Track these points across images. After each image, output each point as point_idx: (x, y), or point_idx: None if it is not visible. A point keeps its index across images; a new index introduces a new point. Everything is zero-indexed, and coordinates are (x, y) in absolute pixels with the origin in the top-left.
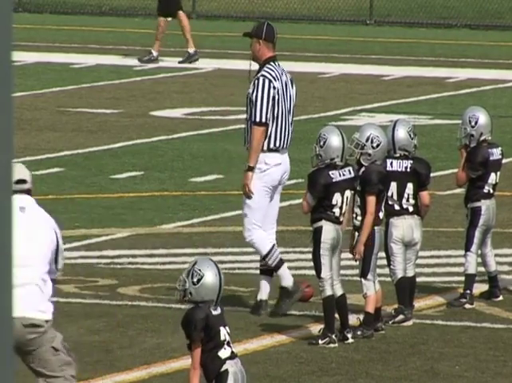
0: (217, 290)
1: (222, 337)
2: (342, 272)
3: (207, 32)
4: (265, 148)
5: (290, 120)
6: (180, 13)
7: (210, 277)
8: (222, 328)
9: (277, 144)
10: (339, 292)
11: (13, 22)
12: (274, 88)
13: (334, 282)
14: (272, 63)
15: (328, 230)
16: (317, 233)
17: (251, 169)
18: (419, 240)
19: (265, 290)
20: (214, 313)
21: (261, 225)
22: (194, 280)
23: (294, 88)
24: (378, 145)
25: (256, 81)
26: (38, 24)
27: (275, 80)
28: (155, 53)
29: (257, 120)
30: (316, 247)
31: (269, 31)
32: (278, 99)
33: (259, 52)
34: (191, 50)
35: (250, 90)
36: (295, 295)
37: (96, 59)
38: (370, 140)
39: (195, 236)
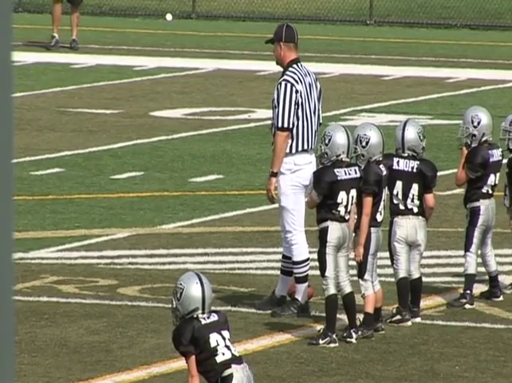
0: (200, 297)
1: (213, 344)
2: None
3: (207, 32)
4: (293, 150)
5: (315, 121)
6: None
7: (190, 287)
8: (213, 335)
9: (306, 146)
10: (347, 289)
11: (13, 22)
12: (297, 91)
13: (343, 280)
14: (295, 65)
15: (334, 230)
16: (323, 233)
17: (274, 175)
18: (423, 241)
19: (284, 287)
20: (205, 321)
21: (302, 227)
22: (178, 296)
23: (319, 87)
24: (367, 143)
25: (278, 86)
26: (38, 24)
27: (298, 83)
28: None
29: (280, 125)
30: (322, 247)
31: (289, 33)
32: (302, 101)
33: (281, 55)
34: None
35: (274, 95)
36: (299, 311)
37: (96, 59)
38: (359, 141)
39: (195, 236)
